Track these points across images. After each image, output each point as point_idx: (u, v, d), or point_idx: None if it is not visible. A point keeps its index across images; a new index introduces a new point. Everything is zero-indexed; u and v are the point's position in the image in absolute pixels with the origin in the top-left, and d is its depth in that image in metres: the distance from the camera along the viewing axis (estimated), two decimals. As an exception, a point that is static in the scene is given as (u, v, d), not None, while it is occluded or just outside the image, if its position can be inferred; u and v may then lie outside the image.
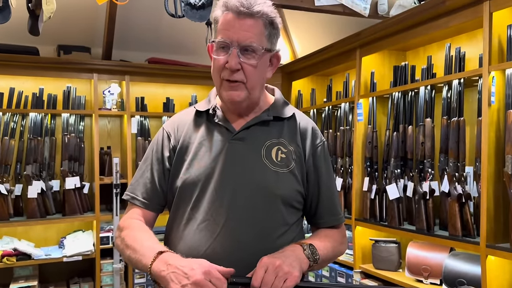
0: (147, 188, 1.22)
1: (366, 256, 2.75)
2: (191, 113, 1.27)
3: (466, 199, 2.10)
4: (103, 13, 3.34)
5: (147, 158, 1.26)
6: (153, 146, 1.26)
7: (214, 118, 1.21)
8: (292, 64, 3.68)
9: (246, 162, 1.16)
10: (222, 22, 1.11)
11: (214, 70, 1.16)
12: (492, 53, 1.95)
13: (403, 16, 2.40)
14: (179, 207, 1.19)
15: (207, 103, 1.26)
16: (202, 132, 1.21)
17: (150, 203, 1.22)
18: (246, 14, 1.09)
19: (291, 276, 1.01)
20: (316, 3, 2.82)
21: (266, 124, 1.20)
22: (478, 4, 2.00)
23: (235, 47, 1.10)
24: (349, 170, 2.96)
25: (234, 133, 1.18)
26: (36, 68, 3.28)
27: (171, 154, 1.22)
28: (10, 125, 3.23)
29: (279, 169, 1.16)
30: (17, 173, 3.26)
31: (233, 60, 1.09)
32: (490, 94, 1.93)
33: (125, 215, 1.23)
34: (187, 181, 1.17)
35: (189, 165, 1.18)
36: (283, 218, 1.16)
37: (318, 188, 1.23)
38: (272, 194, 1.15)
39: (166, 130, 1.26)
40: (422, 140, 2.34)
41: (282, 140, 1.20)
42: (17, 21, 2.29)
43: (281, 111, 1.23)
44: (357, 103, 2.79)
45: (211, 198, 1.14)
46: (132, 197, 1.22)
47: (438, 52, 2.51)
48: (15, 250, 3.09)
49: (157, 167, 1.22)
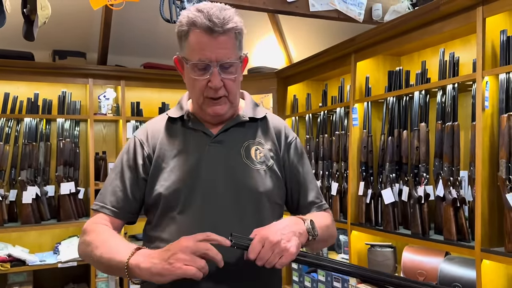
0: (117, 196, 1.19)
1: (361, 260, 2.75)
2: (163, 120, 1.26)
3: (461, 204, 2.11)
4: (98, 18, 3.35)
5: (117, 167, 1.23)
6: (124, 154, 1.24)
7: (189, 123, 1.22)
8: (288, 69, 3.70)
9: (228, 164, 1.18)
10: (194, 42, 1.11)
11: (196, 90, 1.16)
12: (485, 58, 1.96)
13: (397, 21, 2.42)
14: (165, 213, 1.17)
15: (179, 109, 1.26)
16: (179, 138, 1.21)
17: (120, 211, 1.19)
18: (219, 32, 1.09)
19: (287, 253, 1.03)
20: (311, 9, 2.84)
21: (242, 126, 1.23)
22: (471, 9, 2.02)
23: (215, 66, 1.11)
24: (344, 174, 2.97)
25: (212, 136, 1.20)
26: (31, 73, 3.27)
27: (145, 162, 1.21)
28: (4, 130, 3.22)
29: (260, 167, 1.20)
30: (12, 179, 3.25)
31: (216, 79, 1.11)
32: (484, 99, 1.94)
33: (89, 220, 1.19)
34: (172, 188, 1.16)
35: (171, 172, 1.17)
36: (269, 215, 1.20)
37: (298, 181, 1.28)
38: (258, 193, 1.18)
39: (138, 138, 1.24)
40: (416, 145, 2.35)
41: (259, 139, 1.24)
42: (12, 26, 2.29)
43: (254, 112, 1.27)
44: (352, 108, 2.80)
45: (199, 202, 1.14)
46: (101, 206, 1.19)
47: (432, 57, 2.53)
48: (9, 256, 3.07)
49: (129, 175, 1.20)
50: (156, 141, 1.22)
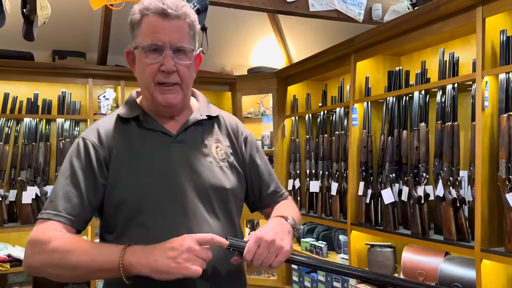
0: (72, 203, 1.08)
1: (361, 260, 2.76)
2: (113, 120, 1.19)
3: (461, 203, 2.11)
4: (98, 18, 3.35)
5: (66, 171, 1.12)
6: (74, 158, 1.13)
7: (145, 123, 1.17)
8: (288, 69, 3.70)
9: (192, 163, 1.15)
10: (147, 25, 1.08)
11: (146, 75, 1.11)
12: (485, 58, 1.96)
13: (397, 21, 2.42)
14: (132, 219, 1.10)
15: (131, 109, 1.19)
16: (137, 140, 1.15)
17: (76, 219, 1.08)
18: (173, 16, 1.08)
19: (283, 251, 1.05)
20: (311, 9, 2.84)
21: (200, 124, 1.22)
22: (471, 9, 2.02)
23: (168, 49, 1.08)
24: (344, 174, 2.97)
25: (172, 136, 1.17)
26: (31, 73, 3.27)
27: (102, 166, 1.12)
28: (4, 131, 3.22)
29: (222, 164, 1.20)
30: (12, 179, 3.25)
31: (170, 62, 1.08)
32: (483, 99, 1.94)
33: (39, 230, 1.05)
34: (139, 192, 1.10)
35: (134, 176, 1.11)
36: (235, 210, 1.22)
37: (258, 173, 1.30)
38: (224, 190, 1.18)
39: (90, 140, 1.14)
40: (416, 145, 2.35)
41: (217, 137, 1.24)
42: (12, 26, 2.29)
43: (210, 110, 1.26)
44: (352, 108, 2.80)
45: (170, 204, 1.11)
46: (55, 214, 1.07)
47: (432, 57, 2.53)
48: (9, 256, 3.07)
49: (84, 180, 1.10)
50: (111, 144, 1.14)
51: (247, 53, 4.28)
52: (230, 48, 4.11)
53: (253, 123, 4.08)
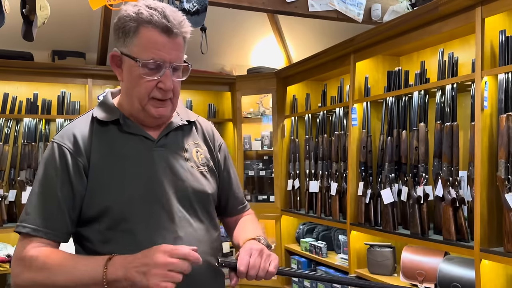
0: (50, 216, 1.04)
1: (361, 260, 2.76)
2: (88, 123, 1.13)
3: (460, 203, 2.11)
4: (97, 18, 3.35)
5: (41, 180, 1.07)
6: (49, 166, 1.07)
7: (125, 127, 1.13)
8: (287, 69, 3.70)
9: (174, 167, 1.14)
10: (147, 39, 1.05)
11: (141, 90, 1.08)
12: (484, 58, 1.96)
13: (396, 21, 2.42)
14: (115, 227, 1.07)
15: (109, 111, 1.15)
16: (116, 144, 1.12)
17: (56, 232, 1.04)
18: (175, 33, 1.06)
19: (274, 257, 1.07)
20: (310, 9, 2.84)
21: (181, 129, 1.21)
22: (470, 10, 2.02)
23: (168, 68, 1.07)
24: (343, 174, 2.97)
25: (154, 140, 1.15)
26: (30, 74, 3.27)
27: (80, 174, 1.07)
28: (4, 131, 3.22)
29: (203, 169, 1.21)
30: (11, 179, 3.24)
31: (169, 81, 1.08)
32: (482, 99, 1.94)
33: (21, 248, 1.03)
34: (123, 198, 1.07)
35: (116, 182, 1.08)
36: (214, 215, 1.24)
37: (228, 182, 1.31)
38: (206, 194, 1.18)
39: (66, 147, 1.08)
40: (416, 145, 2.35)
41: (196, 141, 1.24)
42: (11, 26, 2.29)
43: (188, 115, 1.26)
44: (352, 108, 2.80)
45: (155, 209, 1.09)
46: (34, 228, 1.02)
47: (432, 57, 2.53)
48: (8, 256, 3.07)
49: (61, 190, 1.05)
50: (88, 149, 1.09)
51: (246, 53, 4.28)
52: (229, 48, 4.11)
53: (252, 123, 4.08)
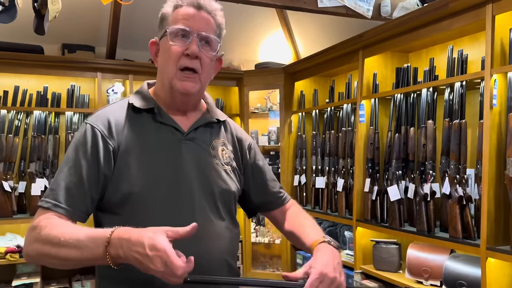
0: (72, 194, 1.05)
1: (366, 257, 2.76)
2: (124, 109, 1.16)
3: (467, 201, 2.11)
4: (107, 12, 3.37)
5: (70, 160, 1.08)
6: (80, 146, 1.09)
7: (159, 117, 1.16)
8: (295, 65, 3.69)
9: (200, 162, 1.16)
10: (178, 14, 1.12)
11: (169, 59, 1.12)
12: (494, 56, 1.95)
13: (406, 18, 2.41)
14: (136, 212, 1.07)
15: (144, 99, 1.17)
16: (148, 132, 1.14)
17: (75, 210, 1.05)
18: (205, 9, 1.13)
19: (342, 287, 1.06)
20: (319, 5, 2.83)
21: (210, 126, 1.23)
22: (481, 7, 2.01)
23: (195, 36, 1.11)
24: (350, 171, 2.97)
25: (183, 133, 1.16)
26: (40, 67, 3.30)
27: (109, 157, 1.08)
28: (14, 123, 3.25)
29: (227, 167, 1.22)
30: (21, 171, 3.29)
31: (194, 45, 1.10)
32: (492, 97, 1.94)
33: (36, 218, 1.04)
34: (147, 186, 1.08)
35: (142, 169, 1.09)
36: (235, 214, 1.25)
37: (263, 177, 1.33)
38: (230, 193, 1.20)
39: (99, 129, 1.10)
40: (423, 142, 2.35)
41: (223, 140, 1.25)
42: (23, 20, 2.31)
43: (218, 114, 1.27)
44: (359, 104, 2.80)
45: (178, 201, 1.10)
46: (55, 204, 1.04)
47: (441, 54, 2.52)
48: (18, 247, 3.11)
49: (87, 171, 1.06)
50: (120, 134, 1.11)
51: (254, 48, 4.28)
52: (237, 43, 4.12)
53: (259, 118, 4.09)
